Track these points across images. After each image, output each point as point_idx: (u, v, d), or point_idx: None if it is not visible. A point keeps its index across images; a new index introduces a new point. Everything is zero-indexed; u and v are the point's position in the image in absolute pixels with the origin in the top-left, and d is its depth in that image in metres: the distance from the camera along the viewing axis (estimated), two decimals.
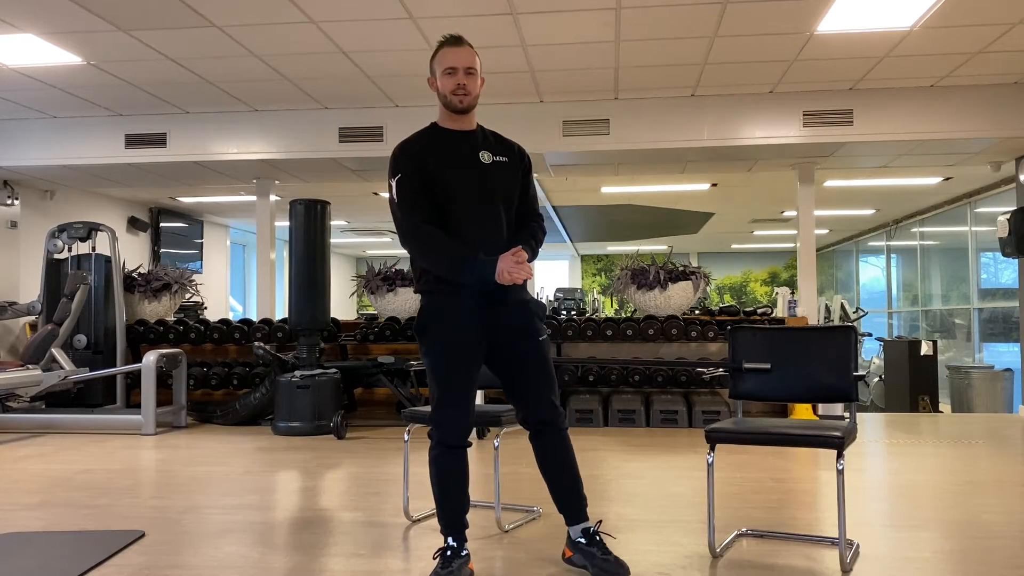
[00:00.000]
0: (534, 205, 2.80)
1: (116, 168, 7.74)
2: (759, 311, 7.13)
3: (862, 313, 12.18)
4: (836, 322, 11.42)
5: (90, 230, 7.09)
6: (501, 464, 4.69)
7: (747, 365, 3.10)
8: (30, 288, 8.44)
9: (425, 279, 2.65)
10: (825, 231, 15.25)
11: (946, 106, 6.56)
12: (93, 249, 7.35)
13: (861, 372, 4.92)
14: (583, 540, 2.66)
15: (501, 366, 2.68)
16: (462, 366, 2.59)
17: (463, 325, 2.59)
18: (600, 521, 2.77)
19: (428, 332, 2.62)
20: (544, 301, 9.73)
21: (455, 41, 2.62)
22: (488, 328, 2.61)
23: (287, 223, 7.59)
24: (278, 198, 8.46)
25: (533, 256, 2.68)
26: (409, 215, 2.59)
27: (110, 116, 7.39)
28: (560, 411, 2.69)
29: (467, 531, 2.66)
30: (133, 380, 7.15)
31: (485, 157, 2.66)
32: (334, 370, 6.28)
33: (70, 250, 7.23)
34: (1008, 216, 6.80)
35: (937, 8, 4.99)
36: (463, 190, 2.60)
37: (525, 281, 2.70)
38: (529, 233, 2.71)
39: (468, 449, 2.64)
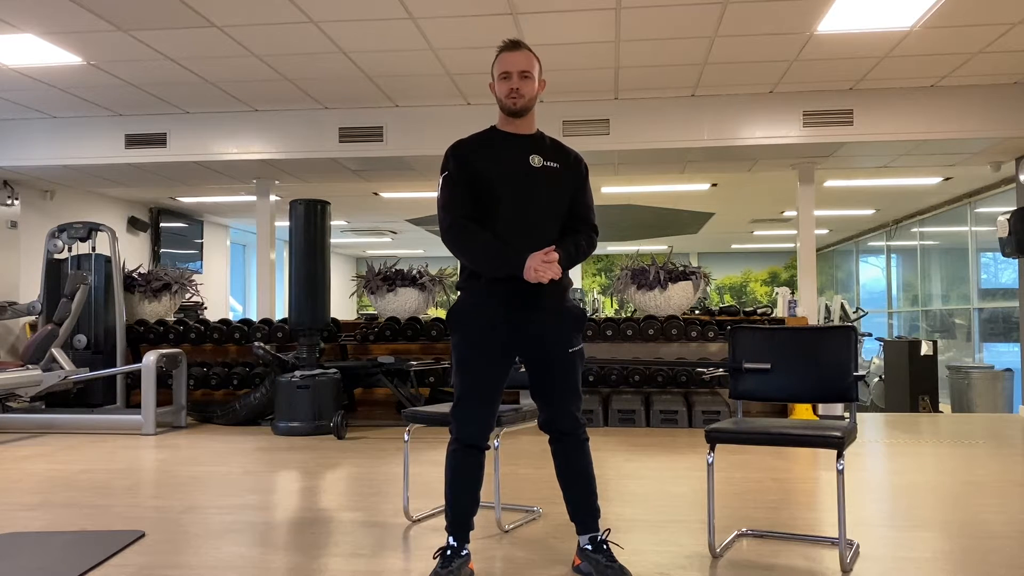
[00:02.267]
0: (586, 213, 2.74)
1: (116, 168, 7.74)
2: (759, 311, 7.13)
3: (862, 313, 12.18)
4: (836, 322, 11.42)
5: (90, 230, 7.09)
6: (501, 464, 4.69)
7: (747, 365, 3.10)
8: (30, 288, 8.44)
9: (463, 277, 2.67)
10: (825, 231, 15.25)
11: (946, 106, 6.56)
12: (93, 249, 7.35)
13: (861, 372, 4.92)
14: (590, 547, 2.66)
15: (530, 368, 2.69)
16: (485, 366, 2.60)
17: (490, 326, 2.59)
18: (608, 530, 2.77)
19: (456, 328, 2.65)
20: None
21: (512, 46, 2.64)
22: (518, 332, 2.61)
23: (287, 223, 7.59)
24: (278, 198, 8.46)
25: (571, 262, 2.63)
26: (449, 210, 2.61)
27: (110, 116, 7.39)
28: (580, 423, 2.69)
29: (470, 532, 2.66)
30: (133, 380, 7.15)
31: (535, 161, 2.65)
32: (334, 370, 6.28)
33: (70, 250, 7.24)
34: (1008, 216, 6.80)
35: (937, 8, 4.99)
36: (507, 192, 2.60)
37: (566, 287, 2.68)
38: (572, 240, 2.67)
39: (485, 452, 2.64)
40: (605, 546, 2.66)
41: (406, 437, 3.47)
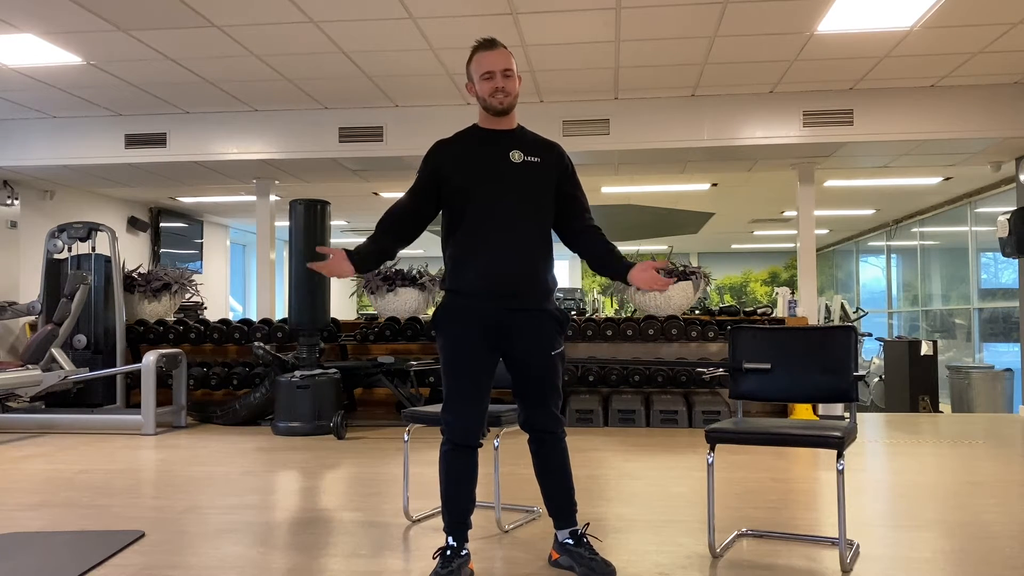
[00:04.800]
0: (587, 210, 2.78)
1: (116, 168, 7.73)
2: (759, 311, 7.13)
3: (862, 313, 12.18)
4: (836, 322, 11.42)
5: (90, 230, 7.09)
6: (501, 464, 4.69)
7: (747, 365, 3.10)
8: (30, 288, 8.44)
9: (446, 278, 2.68)
10: (825, 231, 15.25)
11: (946, 106, 6.56)
12: (93, 249, 7.35)
13: (861, 372, 4.92)
14: (571, 541, 2.68)
15: (512, 368, 2.70)
16: (471, 366, 2.60)
17: (473, 327, 2.59)
18: (588, 523, 2.78)
19: (440, 329, 2.65)
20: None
21: (489, 44, 2.63)
22: (500, 332, 2.61)
23: (287, 223, 7.59)
24: (278, 198, 8.46)
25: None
26: (398, 204, 2.68)
27: (110, 116, 7.39)
28: (560, 420, 2.71)
29: (468, 531, 2.67)
30: (133, 380, 7.15)
31: (515, 156, 2.65)
32: (334, 370, 6.28)
33: (70, 250, 7.23)
34: (1008, 216, 6.80)
35: (937, 8, 4.99)
36: (480, 190, 2.60)
37: (550, 288, 2.68)
38: (604, 241, 2.76)
39: (478, 451, 2.65)
40: (585, 539, 2.68)
41: (406, 437, 3.47)
